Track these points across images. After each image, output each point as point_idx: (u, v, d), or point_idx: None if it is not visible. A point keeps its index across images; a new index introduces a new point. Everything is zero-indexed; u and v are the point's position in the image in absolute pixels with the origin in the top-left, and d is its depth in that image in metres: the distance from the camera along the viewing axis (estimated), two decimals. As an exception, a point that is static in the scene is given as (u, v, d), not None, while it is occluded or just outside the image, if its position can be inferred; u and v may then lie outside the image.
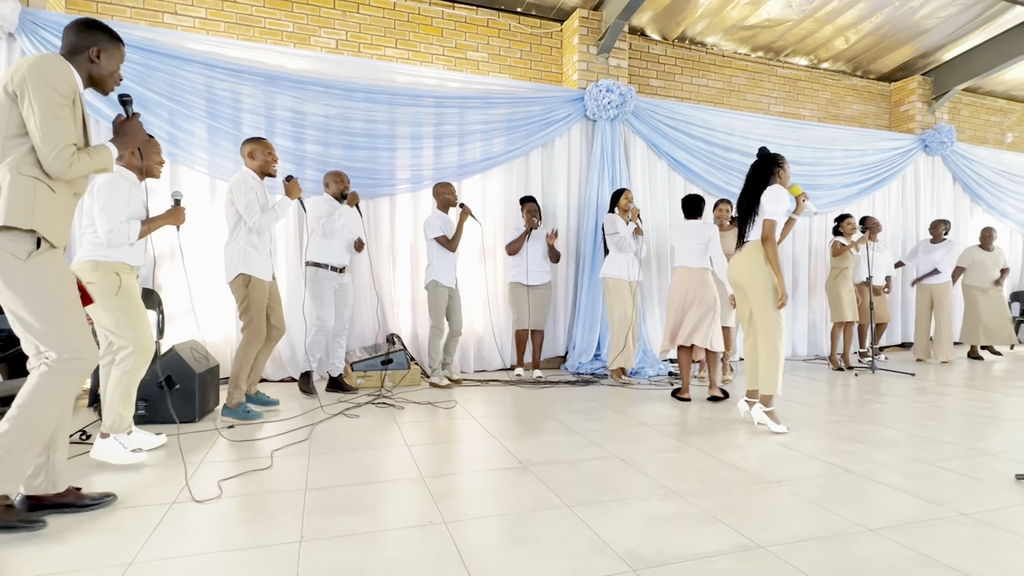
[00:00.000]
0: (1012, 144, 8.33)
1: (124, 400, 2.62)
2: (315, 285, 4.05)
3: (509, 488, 2.32)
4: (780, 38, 6.51)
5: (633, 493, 2.28)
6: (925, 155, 7.25)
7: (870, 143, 6.84)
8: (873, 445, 3.00)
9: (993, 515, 2.09)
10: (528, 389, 4.50)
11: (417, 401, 3.98)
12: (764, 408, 3.31)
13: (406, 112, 4.93)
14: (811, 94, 7.16)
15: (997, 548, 1.83)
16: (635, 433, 3.21)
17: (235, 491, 2.28)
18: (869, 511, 2.11)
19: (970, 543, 1.86)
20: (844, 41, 6.64)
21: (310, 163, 4.67)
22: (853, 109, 7.42)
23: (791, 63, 7.03)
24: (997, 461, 2.74)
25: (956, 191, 7.56)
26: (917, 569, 1.69)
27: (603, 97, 5.35)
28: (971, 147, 7.54)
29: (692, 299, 4.18)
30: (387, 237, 5.02)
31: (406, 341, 5.03)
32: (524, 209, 4.93)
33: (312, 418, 3.47)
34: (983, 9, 6.17)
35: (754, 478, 2.48)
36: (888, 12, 6.12)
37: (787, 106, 7.01)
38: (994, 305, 6.34)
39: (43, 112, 1.78)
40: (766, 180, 3.35)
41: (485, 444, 2.98)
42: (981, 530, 1.96)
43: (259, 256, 3.42)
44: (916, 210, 7.26)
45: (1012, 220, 7.80)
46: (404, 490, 2.30)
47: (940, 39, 6.69)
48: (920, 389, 4.63)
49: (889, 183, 7.04)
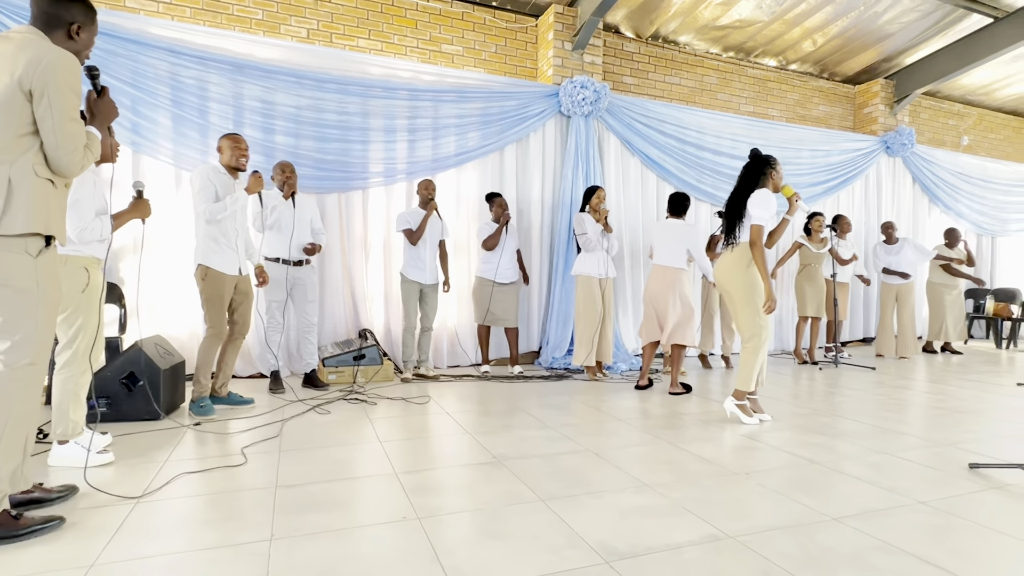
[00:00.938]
0: (968, 147, 8.66)
1: (76, 404, 2.51)
2: None
3: (483, 483, 2.32)
4: (750, 39, 6.63)
5: (606, 486, 2.31)
6: (887, 156, 7.49)
7: (835, 144, 7.03)
8: (836, 437, 3.09)
9: (948, 503, 2.17)
10: (501, 384, 4.50)
11: (390, 397, 3.95)
12: (736, 402, 3.39)
13: (379, 104, 4.86)
14: (780, 95, 7.32)
15: (952, 534, 1.91)
16: (608, 427, 3.24)
17: (202, 489, 2.22)
18: (833, 500, 2.18)
19: (927, 530, 1.93)
20: (812, 43, 6.80)
21: (280, 155, 4.57)
22: (820, 110, 7.60)
23: (761, 64, 7.16)
24: (952, 451, 2.85)
25: (915, 192, 7.84)
26: (878, 556, 1.75)
27: (578, 93, 5.36)
28: (930, 149, 7.82)
29: (665, 299, 4.25)
30: (359, 231, 4.95)
31: (379, 336, 4.98)
32: (494, 204, 4.89)
33: (283, 415, 3.41)
34: (942, 16, 6.39)
35: (724, 470, 2.53)
36: (854, 16, 6.28)
37: (757, 106, 7.15)
38: (956, 303, 6.60)
39: (63, 116, 1.74)
40: (755, 182, 3.37)
41: (459, 439, 2.97)
42: (938, 517, 2.04)
43: (219, 249, 3.33)
44: (878, 210, 7.50)
45: (967, 220, 8.12)
46: (377, 486, 2.28)
47: (902, 44, 6.90)
48: (880, 383, 4.79)
49: (853, 183, 7.25)
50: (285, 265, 4.00)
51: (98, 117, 2.01)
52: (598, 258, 4.69)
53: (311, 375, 4.17)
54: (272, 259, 3.99)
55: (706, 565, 1.67)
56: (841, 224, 6.07)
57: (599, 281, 4.69)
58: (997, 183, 8.34)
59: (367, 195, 4.98)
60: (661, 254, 4.32)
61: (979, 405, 3.94)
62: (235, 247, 3.40)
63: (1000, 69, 7.60)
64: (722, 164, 6.36)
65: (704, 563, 1.69)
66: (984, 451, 2.86)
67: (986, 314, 7.76)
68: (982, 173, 8.23)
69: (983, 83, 8.04)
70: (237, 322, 3.52)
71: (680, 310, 4.22)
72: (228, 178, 3.39)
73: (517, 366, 5.01)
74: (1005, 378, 5.10)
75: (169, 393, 3.34)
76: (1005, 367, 5.79)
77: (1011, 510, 2.11)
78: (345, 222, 4.89)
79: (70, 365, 2.46)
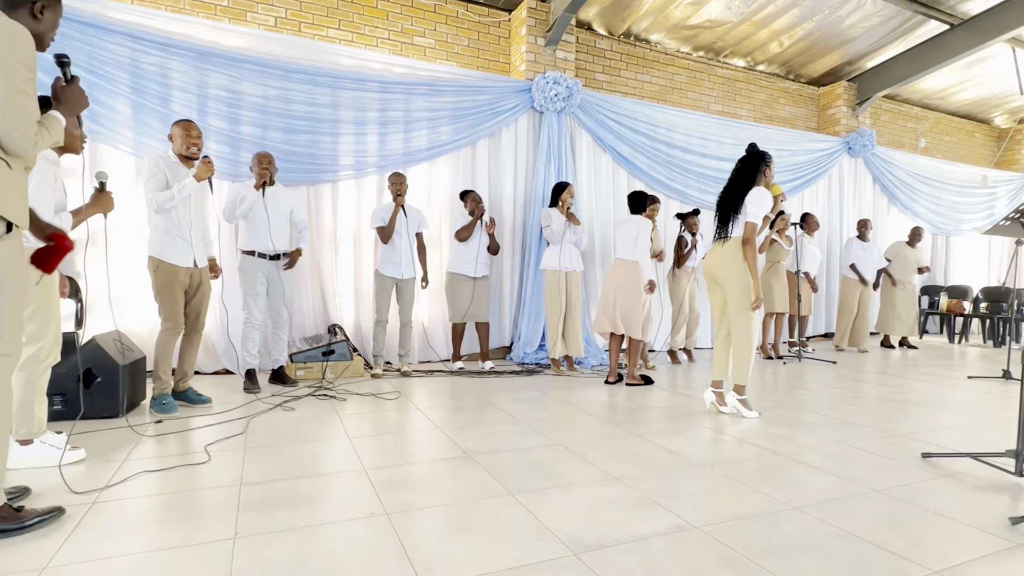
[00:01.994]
0: (925, 149, 8.98)
1: (40, 401, 2.42)
2: (243, 274, 3.90)
3: (453, 478, 2.32)
4: (720, 39, 6.74)
5: (575, 479, 2.33)
6: (849, 157, 7.71)
7: (800, 144, 7.21)
8: (799, 429, 3.18)
9: (902, 490, 2.26)
10: (473, 380, 4.50)
11: (360, 393, 3.91)
12: (738, 397, 3.48)
13: (350, 96, 4.79)
14: (748, 95, 7.46)
15: (905, 520, 1.98)
16: (578, 421, 3.27)
17: (163, 488, 2.16)
18: (794, 490, 2.24)
19: (882, 517, 2.01)
20: (778, 45, 6.94)
21: (247, 145, 4.46)
22: (786, 111, 7.78)
23: (730, 64, 7.29)
24: (906, 441, 2.97)
25: (875, 191, 8.09)
26: (836, 543, 1.81)
27: (550, 89, 5.37)
28: (889, 151, 8.08)
29: (615, 290, 4.37)
30: (329, 224, 4.87)
31: (349, 331, 4.91)
32: (468, 199, 4.89)
33: (248, 411, 3.34)
34: (902, 22, 6.60)
35: (690, 462, 2.58)
36: (819, 19, 6.44)
37: (725, 105, 7.27)
38: (908, 298, 6.85)
39: (9, 87, 1.63)
40: (752, 179, 3.41)
41: (429, 434, 2.96)
42: (892, 505, 2.12)
43: (170, 240, 3.23)
44: (840, 208, 7.72)
45: (923, 220, 8.42)
46: (345, 482, 2.25)
47: (864, 48, 7.11)
48: (841, 376, 4.95)
49: (817, 182, 7.45)
50: (260, 259, 3.91)
51: (65, 104, 1.92)
52: (562, 251, 4.75)
53: (279, 371, 4.10)
54: (247, 252, 3.89)
55: (671, 555, 1.71)
56: (809, 223, 6.24)
57: (564, 274, 4.77)
58: (951, 184, 8.67)
59: (337, 188, 4.90)
60: (618, 248, 4.48)
61: (931, 397, 4.11)
62: (188, 238, 3.27)
63: (955, 74, 7.90)
64: (691, 162, 6.46)
65: (670, 553, 1.72)
66: (936, 441, 2.98)
67: (940, 310, 8.08)
68: (938, 174, 8.54)
69: (940, 87, 8.35)
70: (189, 316, 3.42)
71: (625, 302, 4.32)
72: (181, 167, 3.27)
73: (488, 361, 5.02)
74: (956, 371, 5.32)
75: (129, 390, 3.24)
76: (957, 361, 6.04)
77: (960, 497, 2.21)
78: (314, 216, 4.81)
79: (31, 361, 2.36)
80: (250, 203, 3.84)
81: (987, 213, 9.16)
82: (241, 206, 3.83)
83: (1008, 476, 2.43)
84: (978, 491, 2.27)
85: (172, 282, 3.24)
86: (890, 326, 6.87)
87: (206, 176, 3.24)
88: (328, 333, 4.70)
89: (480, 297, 4.91)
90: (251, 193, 3.85)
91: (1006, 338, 7.50)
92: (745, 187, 3.41)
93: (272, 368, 4.12)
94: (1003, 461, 2.57)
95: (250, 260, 3.88)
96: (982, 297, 7.83)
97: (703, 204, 6.52)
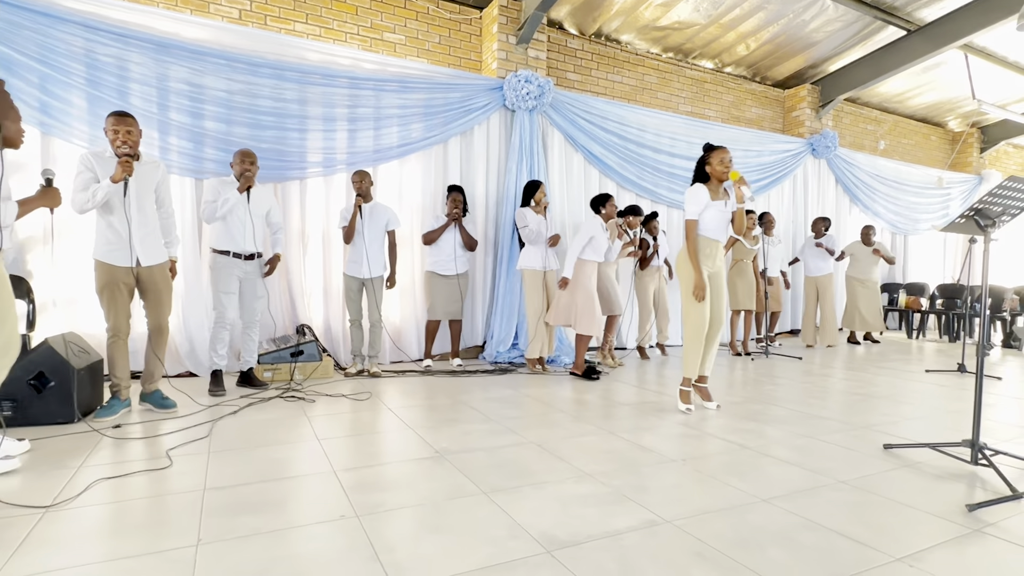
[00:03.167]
0: (884, 151, 9.29)
1: None
2: (215, 272, 3.79)
3: (425, 478, 2.29)
4: (689, 40, 6.84)
5: (548, 477, 2.32)
6: (813, 158, 7.92)
7: (766, 145, 7.37)
8: (766, 423, 3.24)
9: (865, 481, 2.32)
10: (445, 379, 4.47)
11: (329, 394, 3.84)
12: (681, 387, 3.55)
13: (318, 92, 4.70)
14: (716, 96, 7.59)
15: (869, 510, 2.04)
16: (551, 419, 3.27)
17: (122, 495, 2.08)
18: (762, 483, 2.28)
19: (847, 507, 2.06)
20: (745, 48, 7.09)
21: (211, 141, 4.34)
22: (752, 112, 7.95)
23: (698, 65, 7.40)
24: (869, 433, 3.06)
25: (838, 192, 8.33)
26: (803, 533, 1.84)
27: (522, 87, 5.37)
28: (851, 152, 8.33)
29: (572, 287, 4.52)
30: (297, 223, 4.78)
31: (318, 332, 4.82)
32: (449, 198, 4.88)
33: (213, 414, 3.24)
34: (863, 27, 6.80)
35: (662, 457, 2.60)
36: (784, 23, 6.59)
37: (694, 106, 7.39)
38: (871, 295, 7.08)
39: None
40: (696, 176, 3.51)
41: (400, 435, 2.92)
42: (856, 495, 2.18)
43: (106, 239, 3.11)
44: (805, 208, 7.92)
45: (883, 219, 8.72)
46: (314, 485, 2.20)
47: (827, 52, 7.31)
48: (806, 371, 5.07)
49: (782, 183, 7.63)
50: (236, 258, 3.80)
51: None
52: (542, 251, 4.76)
53: (248, 374, 3.99)
54: (221, 251, 3.77)
55: (644, 549, 1.72)
56: (766, 221, 6.39)
57: (544, 274, 4.79)
58: (909, 185, 9.00)
59: (305, 186, 4.80)
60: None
61: (892, 391, 4.24)
62: (126, 237, 3.11)
63: (913, 79, 8.19)
64: (661, 162, 6.54)
65: (642, 548, 1.73)
66: (897, 432, 3.08)
67: (899, 307, 8.37)
68: (896, 176, 8.85)
69: (898, 91, 8.64)
70: (147, 316, 3.31)
71: (579, 298, 4.46)
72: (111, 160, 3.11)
73: (456, 359, 4.99)
74: (915, 366, 5.52)
75: (85, 394, 3.11)
76: (915, 356, 6.26)
77: (920, 487, 2.28)
78: (282, 213, 4.70)
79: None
80: (232, 205, 3.73)
81: (942, 213, 9.52)
82: (223, 208, 3.71)
83: (964, 465, 2.52)
84: (937, 480, 2.35)
85: (109, 283, 3.10)
86: (854, 322, 7.11)
87: (122, 178, 3.01)
88: (296, 333, 4.60)
89: (456, 294, 4.90)
90: (234, 195, 3.74)
91: (960, 333, 7.82)
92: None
93: (240, 370, 4.01)
94: (960, 451, 2.66)
95: (224, 259, 3.77)
96: (938, 294, 8.13)
97: (673, 203, 6.64)
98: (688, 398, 3.53)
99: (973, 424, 2.49)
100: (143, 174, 3.19)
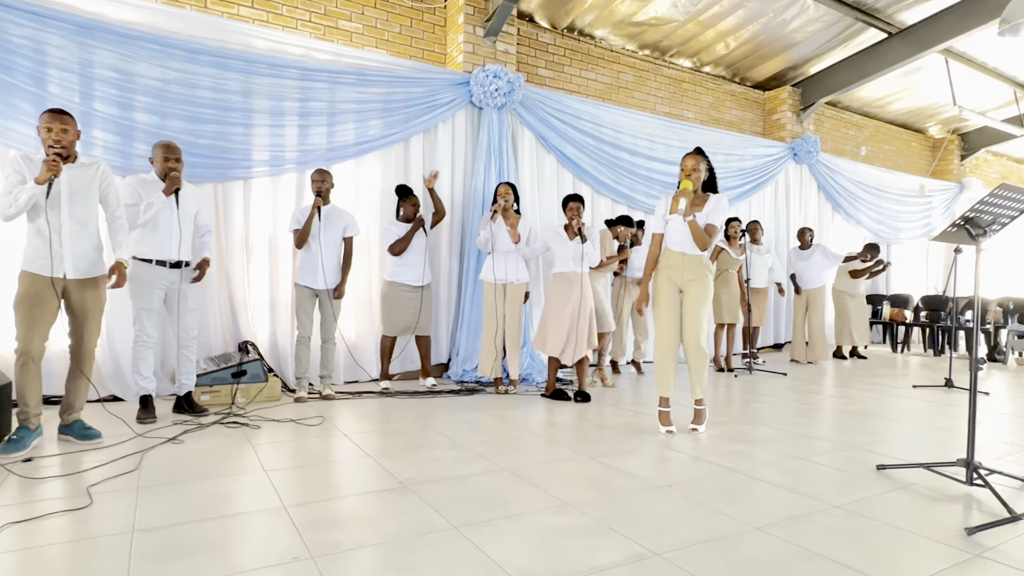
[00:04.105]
0: (865, 157, 9.68)
1: None
2: (134, 284, 3.55)
3: (388, 512, 2.23)
4: (666, 37, 7.00)
5: (525, 508, 2.29)
6: (794, 163, 8.19)
7: (748, 148, 7.58)
8: (754, 444, 3.29)
9: (861, 505, 2.37)
10: (407, 400, 4.39)
11: (276, 419, 3.71)
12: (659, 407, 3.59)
13: (265, 83, 4.60)
14: (694, 96, 7.78)
15: (866, 536, 2.07)
16: (525, 443, 3.24)
17: (33, 541, 1.95)
18: (754, 509, 2.30)
19: (843, 533, 2.09)
20: (724, 47, 7.29)
21: (141, 135, 4.18)
22: (732, 114, 8.17)
23: (676, 64, 7.58)
24: (860, 453, 3.13)
25: (820, 199, 8.62)
26: (800, 563, 1.86)
27: (490, 83, 5.38)
28: (832, 158, 8.64)
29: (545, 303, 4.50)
30: (239, 227, 4.64)
31: (263, 349, 4.68)
32: (407, 203, 4.79)
33: (141, 444, 3.09)
34: (843, 28, 7.09)
35: (646, 484, 2.60)
36: (764, 22, 6.82)
37: (672, 107, 7.55)
38: (860, 307, 7.33)
39: None
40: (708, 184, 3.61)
41: (359, 464, 2.84)
42: (852, 520, 2.21)
43: (34, 247, 2.96)
44: (787, 216, 8.16)
45: (866, 228, 9.05)
46: (262, 523, 2.11)
47: (808, 53, 7.59)
48: (792, 388, 5.19)
49: (764, 188, 7.85)
50: (160, 267, 3.63)
51: None
52: (500, 261, 4.69)
53: (186, 398, 3.81)
54: (143, 260, 3.58)
55: (633, 587, 1.70)
56: (751, 230, 6.55)
57: (502, 287, 4.69)
58: (891, 193, 9.39)
59: (250, 187, 4.67)
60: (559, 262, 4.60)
61: (880, 407, 4.38)
62: (50, 243, 2.96)
63: (893, 83, 8.57)
64: (638, 165, 6.64)
65: (631, 585, 1.71)
66: (888, 452, 3.16)
67: (883, 319, 8.68)
68: (878, 183, 9.22)
69: (879, 96, 9.03)
70: (71, 339, 3.14)
71: (545, 315, 4.52)
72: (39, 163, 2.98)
73: (430, 378, 4.91)
74: (901, 381, 5.71)
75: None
76: (901, 370, 6.48)
77: (916, 509, 2.34)
78: (223, 217, 4.57)
79: None
80: (157, 210, 3.56)
81: (924, 222, 9.96)
82: (146, 213, 3.54)
83: (960, 485, 2.60)
84: (932, 502, 2.42)
85: (29, 294, 2.93)
86: (844, 336, 7.33)
87: (47, 179, 2.87)
88: (239, 351, 4.46)
89: (424, 308, 4.80)
90: (159, 199, 3.57)
91: (945, 347, 8.15)
92: None
93: (176, 394, 3.84)
94: (954, 470, 2.75)
95: (145, 268, 3.59)
96: (922, 306, 8.47)
97: (651, 210, 6.70)
98: (666, 419, 3.55)
99: (968, 443, 2.57)
100: (78, 176, 3.05)
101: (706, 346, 3.54)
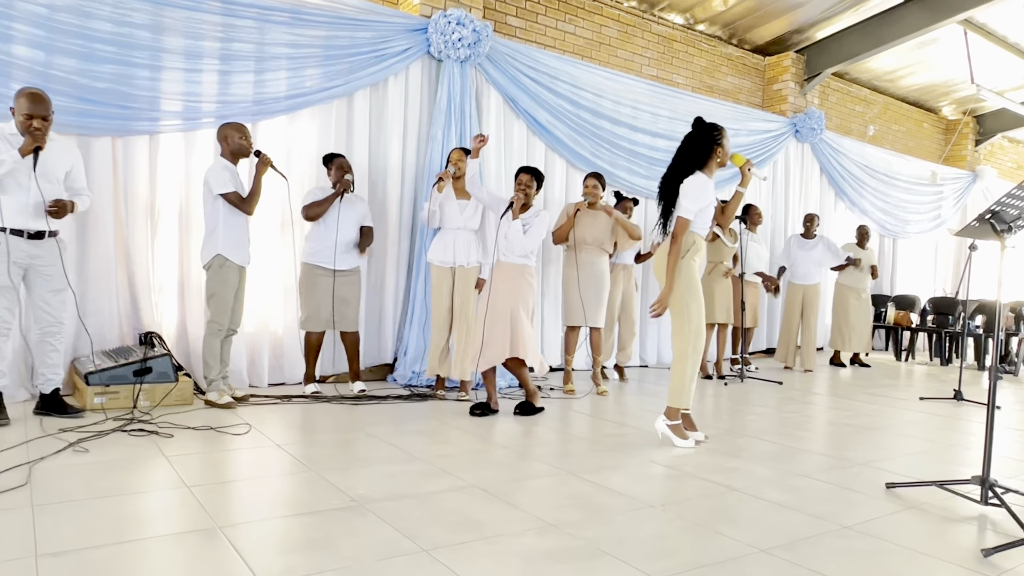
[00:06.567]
0: (873, 138, 10.17)
1: None
2: None
3: (344, 533, 2.28)
4: (657, -12, 7.18)
5: (503, 528, 2.39)
6: (796, 141, 8.54)
7: (744, 122, 7.86)
8: (752, 460, 3.49)
9: (871, 525, 2.57)
10: (343, 407, 4.42)
11: (192, 426, 3.69)
12: (668, 421, 3.69)
13: (179, 17, 4.49)
14: (686, 59, 8.01)
15: (880, 559, 2.27)
16: (494, 457, 3.35)
17: (-88, 567, 1.92)
18: (758, 530, 2.47)
19: (856, 556, 2.28)
20: (722, 2, 7.52)
21: (21, 73, 4.02)
22: (728, 81, 8.45)
23: (666, 19, 7.78)
24: (867, 470, 3.37)
25: (823, 184, 9.03)
26: (811, 587, 2.03)
27: (452, 31, 5.41)
28: (838, 137, 9.06)
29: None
30: (144, 192, 4.55)
31: (171, 342, 4.62)
32: (333, 166, 4.75)
33: (28, 454, 3.03)
34: (856, -12, 7.45)
35: (637, 503, 2.74)
36: (768, -24, 7.08)
37: (660, 69, 7.75)
38: (864, 309, 7.67)
39: None
40: (696, 161, 3.63)
41: (301, 478, 2.88)
42: (863, 542, 2.41)
43: None
44: (786, 202, 8.52)
45: (871, 218, 9.51)
46: (191, 546, 2.14)
47: (814, 15, 7.90)
48: (790, 399, 5.48)
49: (762, 168, 8.16)
50: (15, 236, 3.51)
51: None
52: (446, 240, 4.77)
53: (52, 397, 3.74)
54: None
55: (634, 613, 1.82)
56: (751, 215, 6.77)
57: (449, 271, 4.78)
58: (900, 180, 9.89)
59: (157, 143, 4.59)
60: None
61: (886, 421, 4.69)
62: None
63: (907, 55, 9.04)
64: (621, 136, 6.80)
65: (631, 611, 1.83)
66: (897, 469, 3.41)
67: (886, 323, 9.18)
68: (886, 168, 9.71)
69: (890, 69, 9.50)
70: None
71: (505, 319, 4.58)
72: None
73: (358, 382, 4.90)
74: (906, 392, 6.10)
75: None
76: (905, 380, 6.91)
77: (930, 531, 2.56)
78: (122, 179, 4.46)
79: None
80: (8, 168, 3.40)
81: (934, 214, 10.55)
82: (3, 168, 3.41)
83: (974, 505, 2.84)
84: (946, 522, 2.65)
85: None
86: (843, 340, 7.65)
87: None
88: (141, 344, 4.38)
89: (345, 298, 4.77)
90: (11, 156, 3.42)
91: (952, 356, 8.69)
92: (686, 172, 3.64)
93: (42, 393, 3.76)
94: (967, 488, 3.00)
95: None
96: (930, 309, 8.98)
97: (632, 188, 6.83)
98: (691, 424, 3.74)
99: (984, 459, 2.81)
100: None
101: None
